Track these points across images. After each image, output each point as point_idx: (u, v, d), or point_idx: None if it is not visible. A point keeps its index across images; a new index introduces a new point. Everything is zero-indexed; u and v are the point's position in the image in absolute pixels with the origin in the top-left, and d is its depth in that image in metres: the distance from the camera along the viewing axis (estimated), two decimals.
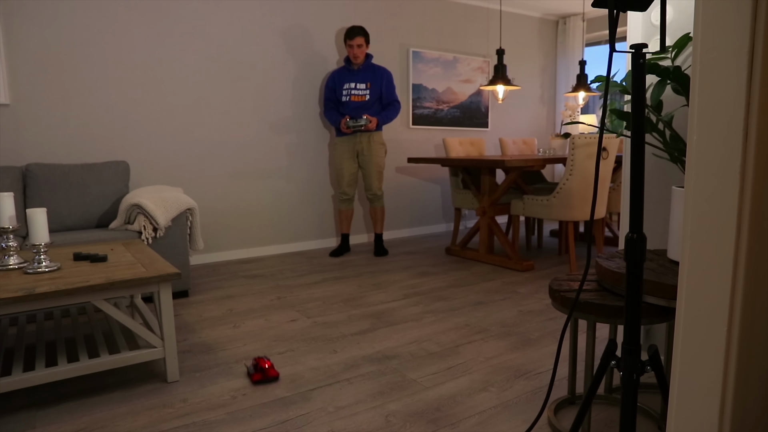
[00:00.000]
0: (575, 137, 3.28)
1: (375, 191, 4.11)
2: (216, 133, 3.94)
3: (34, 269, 1.92)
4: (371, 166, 4.04)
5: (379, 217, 4.20)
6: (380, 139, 4.06)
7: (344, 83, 4.01)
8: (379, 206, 4.17)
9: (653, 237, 1.97)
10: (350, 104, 4.00)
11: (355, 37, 3.87)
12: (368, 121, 3.89)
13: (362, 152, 4.04)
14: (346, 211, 4.15)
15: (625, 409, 1.16)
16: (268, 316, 2.71)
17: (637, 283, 1.09)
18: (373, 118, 3.92)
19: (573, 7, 5.59)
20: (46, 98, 3.31)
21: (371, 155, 4.03)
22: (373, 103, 4.01)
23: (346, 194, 4.09)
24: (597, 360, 2.12)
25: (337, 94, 4.04)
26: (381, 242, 4.24)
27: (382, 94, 4.02)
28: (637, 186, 1.07)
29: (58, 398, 1.85)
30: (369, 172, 4.07)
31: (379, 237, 4.25)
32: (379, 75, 4.00)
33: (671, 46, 1.54)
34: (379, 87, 4.01)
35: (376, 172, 4.06)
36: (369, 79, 3.99)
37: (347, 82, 4.00)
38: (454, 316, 2.66)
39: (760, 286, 0.76)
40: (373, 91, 4.00)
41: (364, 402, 1.79)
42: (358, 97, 3.99)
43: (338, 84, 4.03)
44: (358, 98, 3.99)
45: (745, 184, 0.72)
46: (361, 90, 3.99)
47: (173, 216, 2.92)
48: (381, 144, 4.06)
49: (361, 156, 4.05)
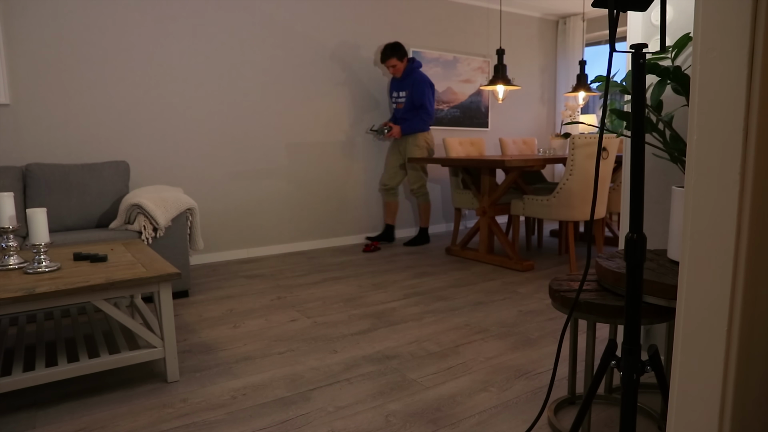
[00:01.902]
0: (575, 137, 3.28)
1: (411, 186, 4.47)
2: (216, 133, 3.94)
3: (34, 269, 1.92)
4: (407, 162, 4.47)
5: (421, 210, 4.56)
6: (416, 141, 4.37)
7: (393, 92, 4.50)
8: (420, 202, 4.52)
9: (653, 237, 1.97)
10: (396, 111, 4.49)
11: (387, 60, 4.26)
12: (389, 129, 4.35)
13: (401, 150, 4.50)
14: (388, 203, 4.60)
15: (625, 409, 1.16)
16: (268, 316, 2.71)
17: (637, 283, 1.09)
18: (395, 127, 4.35)
19: (573, 7, 5.58)
20: (46, 98, 3.31)
21: (406, 153, 4.44)
22: (408, 109, 4.37)
23: (384, 185, 4.55)
24: (597, 360, 2.12)
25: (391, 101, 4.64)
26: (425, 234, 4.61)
27: (413, 101, 4.32)
28: (637, 186, 1.07)
29: (58, 398, 1.85)
30: (408, 168, 4.47)
31: (423, 231, 4.59)
32: (413, 84, 4.29)
33: (671, 46, 1.54)
34: (411, 95, 4.32)
35: (411, 168, 4.43)
36: (407, 88, 4.34)
37: (394, 91, 4.48)
38: (454, 316, 2.66)
39: (760, 286, 0.76)
40: (408, 98, 4.35)
41: (364, 402, 1.79)
42: (399, 104, 4.43)
43: (390, 92, 4.58)
44: (399, 105, 4.43)
45: (745, 184, 0.72)
46: (401, 97, 4.40)
47: (173, 216, 2.92)
48: (415, 146, 4.37)
49: (402, 154, 4.51)
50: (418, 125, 4.33)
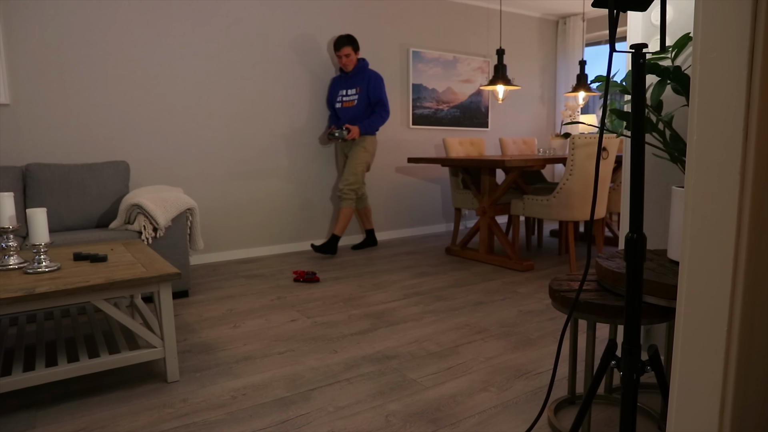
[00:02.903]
0: (575, 137, 3.28)
1: (340, 186, 4.05)
2: (216, 133, 3.94)
3: (34, 269, 1.92)
4: (347, 165, 4.09)
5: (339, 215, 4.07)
6: (364, 142, 4.05)
7: (338, 90, 4.15)
8: (343, 206, 4.06)
9: (653, 237, 1.97)
10: (342, 110, 4.12)
11: (342, 47, 3.97)
12: (347, 131, 3.98)
13: (348, 153, 4.19)
14: (357, 209, 4.30)
15: (625, 409, 1.16)
16: (268, 316, 2.71)
17: (637, 283, 1.09)
18: (353, 128, 3.97)
19: (573, 7, 5.58)
20: (46, 98, 3.31)
21: (351, 156, 4.09)
22: (362, 108, 4.05)
23: None
24: (597, 360, 2.12)
25: (333, 100, 4.22)
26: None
27: (369, 98, 4.05)
28: (637, 186, 1.07)
29: (58, 398, 1.85)
30: (345, 170, 4.10)
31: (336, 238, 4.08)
32: (367, 79, 4.03)
33: (671, 46, 1.54)
34: (366, 92, 4.04)
35: (349, 171, 4.04)
36: (358, 84, 4.06)
37: (340, 89, 4.14)
38: (454, 316, 2.66)
39: (760, 286, 0.76)
40: (361, 95, 4.05)
41: (364, 402, 1.79)
42: (349, 102, 4.09)
43: (333, 91, 4.20)
44: (348, 104, 4.09)
45: (745, 184, 0.72)
46: (351, 96, 4.07)
47: (173, 216, 2.92)
48: (363, 148, 4.05)
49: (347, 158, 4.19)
50: (377, 122, 4.04)
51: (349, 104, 4.09)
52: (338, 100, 4.15)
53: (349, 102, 4.09)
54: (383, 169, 4.84)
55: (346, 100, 4.11)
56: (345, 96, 4.11)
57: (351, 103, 4.08)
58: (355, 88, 4.07)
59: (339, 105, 4.15)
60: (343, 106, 4.12)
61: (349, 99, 4.09)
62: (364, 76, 4.05)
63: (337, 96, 4.16)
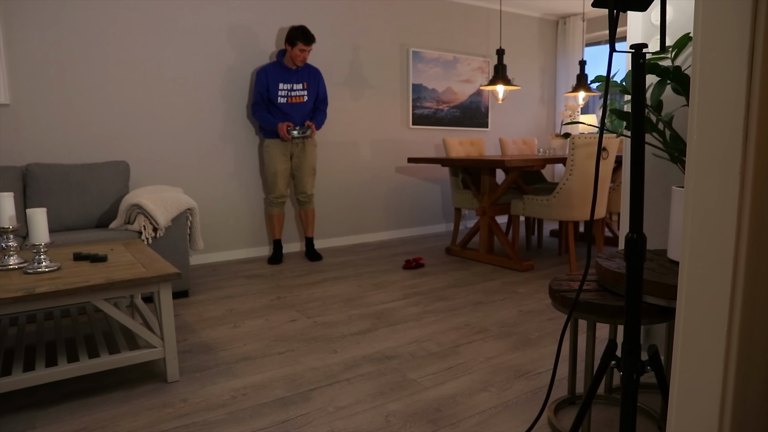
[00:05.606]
0: (575, 137, 3.28)
1: (309, 192, 3.96)
2: (216, 133, 3.94)
3: (34, 269, 1.92)
4: (306, 167, 3.92)
5: (310, 219, 4.06)
6: (314, 141, 3.96)
7: (280, 83, 3.78)
8: (310, 208, 4.03)
9: (653, 237, 1.97)
10: (289, 106, 3.81)
11: (312, 44, 3.86)
12: (310, 130, 3.82)
13: (297, 153, 3.91)
14: (279, 215, 3.96)
15: (625, 409, 1.16)
16: (268, 316, 2.71)
17: (637, 283, 1.09)
18: (312, 124, 3.83)
19: (573, 7, 5.58)
20: (46, 98, 3.31)
21: (306, 156, 3.91)
22: (311, 104, 3.92)
23: (283, 197, 3.91)
24: (597, 360, 2.12)
25: (271, 94, 3.79)
26: (313, 246, 4.11)
27: (318, 94, 3.94)
28: (637, 186, 1.07)
29: (58, 398, 1.85)
30: (303, 173, 3.93)
31: (310, 241, 4.10)
32: (315, 74, 3.90)
33: (671, 46, 1.54)
34: (316, 87, 3.91)
35: (310, 173, 3.96)
36: (306, 79, 3.85)
37: (284, 83, 3.78)
38: (454, 316, 2.66)
39: (760, 286, 0.76)
40: (310, 91, 3.88)
41: (364, 402, 1.79)
42: (298, 98, 3.82)
43: (272, 83, 3.77)
44: (297, 99, 3.82)
45: (745, 184, 0.72)
46: (298, 91, 3.82)
47: (173, 216, 2.92)
48: (315, 146, 3.96)
49: (295, 158, 3.92)
50: (324, 120, 3.96)
51: (299, 100, 3.82)
52: (281, 94, 3.79)
53: (299, 98, 3.82)
54: (383, 169, 4.84)
55: (294, 96, 3.81)
56: (292, 91, 3.80)
57: (301, 99, 3.83)
58: (302, 83, 3.82)
59: (284, 100, 3.79)
60: (291, 101, 3.80)
61: (297, 94, 3.82)
62: (310, 70, 3.88)
63: (279, 89, 3.78)
